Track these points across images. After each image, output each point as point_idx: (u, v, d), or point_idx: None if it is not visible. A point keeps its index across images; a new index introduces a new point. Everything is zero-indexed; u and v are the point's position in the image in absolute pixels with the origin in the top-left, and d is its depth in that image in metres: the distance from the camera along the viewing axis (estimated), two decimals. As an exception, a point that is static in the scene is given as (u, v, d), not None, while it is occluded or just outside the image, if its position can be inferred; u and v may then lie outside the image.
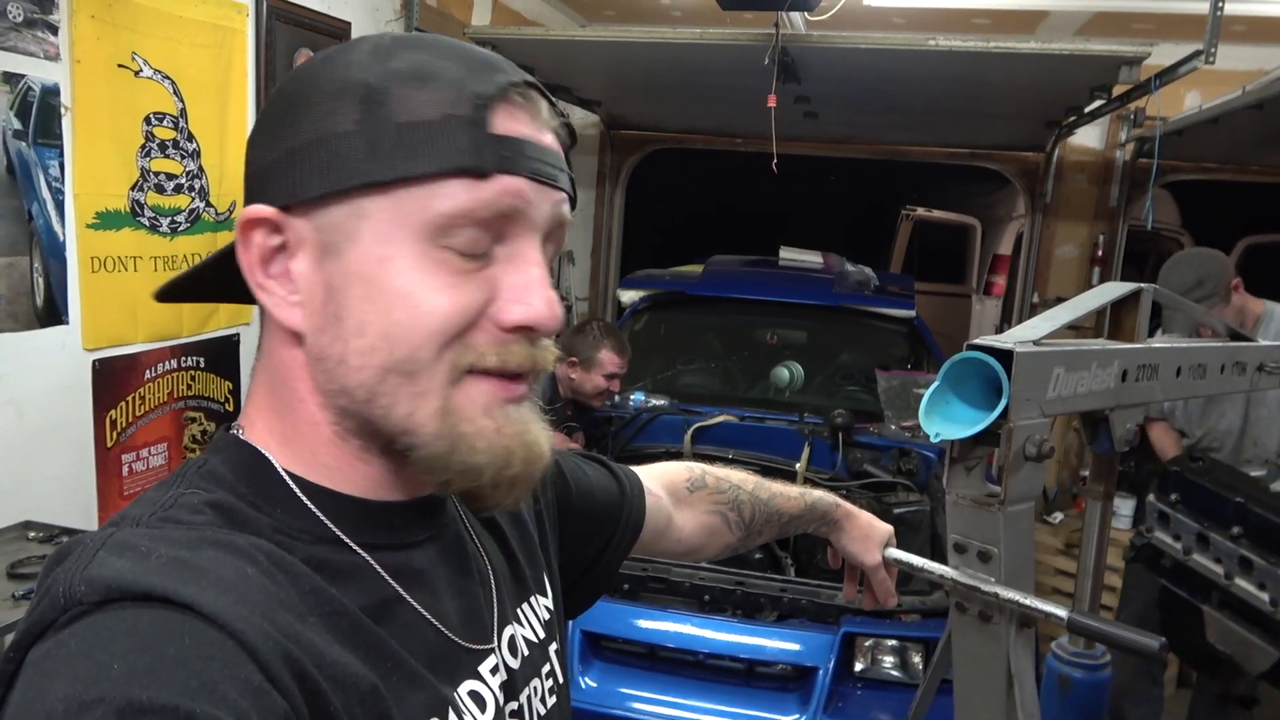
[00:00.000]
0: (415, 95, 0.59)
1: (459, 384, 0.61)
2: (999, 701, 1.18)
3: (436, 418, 0.60)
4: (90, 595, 0.50)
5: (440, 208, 0.59)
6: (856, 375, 3.92)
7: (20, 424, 2.19)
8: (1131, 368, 1.30)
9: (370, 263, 0.59)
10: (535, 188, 0.62)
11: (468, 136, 0.59)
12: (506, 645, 0.72)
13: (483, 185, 0.59)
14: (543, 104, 0.65)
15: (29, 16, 2.10)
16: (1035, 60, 3.15)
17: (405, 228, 0.59)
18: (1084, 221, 4.89)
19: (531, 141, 0.62)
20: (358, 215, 0.59)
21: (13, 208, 2.12)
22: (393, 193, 0.59)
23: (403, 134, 0.58)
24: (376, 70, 0.61)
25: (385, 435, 0.61)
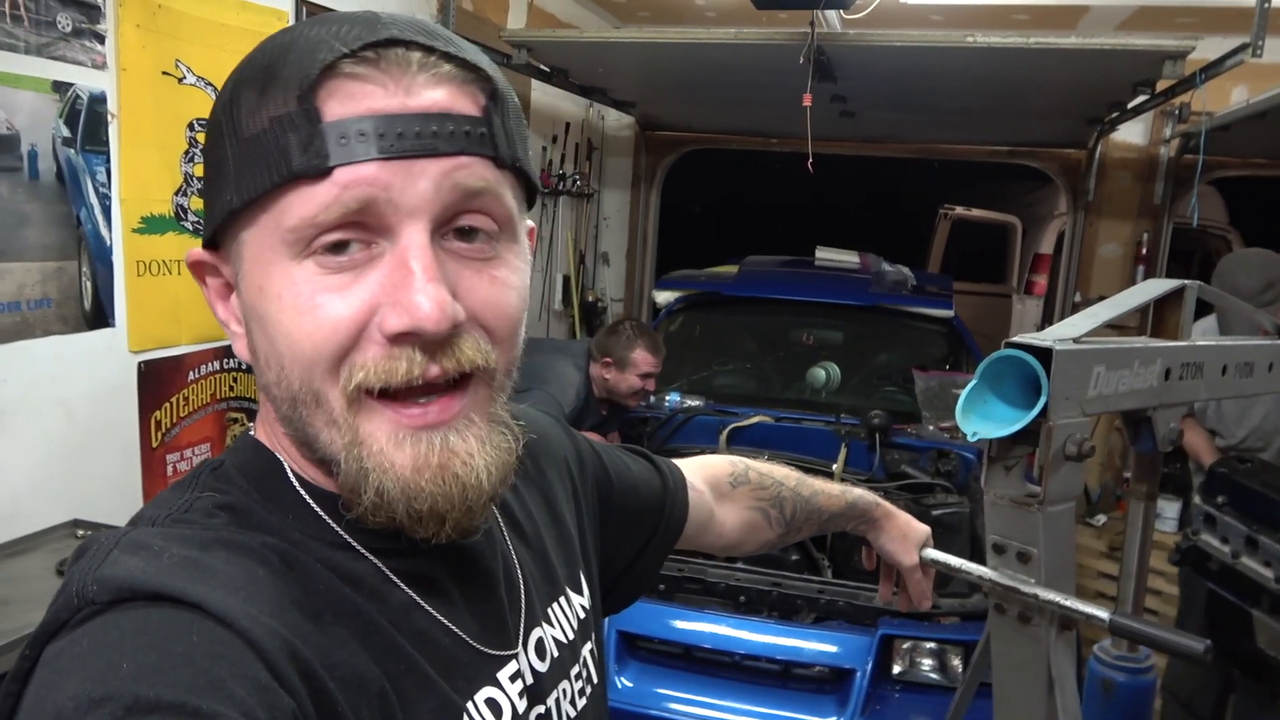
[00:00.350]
0: (251, 103, 0.56)
1: (362, 410, 0.57)
2: (1039, 705, 1.17)
3: (345, 450, 0.57)
4: (102, 595, 0.51)
5: (286, 222, 0.55)
6: (894, 376, 3.88)
7: (69, 424, 2.24)
8: (1175, 366, 1.27)
9: (253, 294, 0.58)
10: (398, 166, 0.54)
11: (296, 135, 0.54)
12: (534, 648, 0.71)
13: (320, 186, 0.54)
14: (413, 57, 0.55)
15: (77, 26, 2.15)
16: (1076, 56, 3.11)
17: (269, 250, 0.56)
18: (1127, 219, 4.80)
19: (383, 115, 0.54)
20: (239, 245, 0.59)
21: (62, 213, 2.17)
22: (254, 218, 0.56)
23: (246, 151, 0.55)
24: (231, 82, 0.58)
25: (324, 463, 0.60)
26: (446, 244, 0.57)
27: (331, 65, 0.54)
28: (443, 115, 0.55)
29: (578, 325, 5.30)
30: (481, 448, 0.59)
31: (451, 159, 0.56)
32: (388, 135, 0.54)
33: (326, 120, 0.54)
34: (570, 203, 5.26)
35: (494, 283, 0.59)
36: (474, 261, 0.58)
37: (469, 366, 0.57)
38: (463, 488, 0.58)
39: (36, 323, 2.13)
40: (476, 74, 0.58)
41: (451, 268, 0.57)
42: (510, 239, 0.61)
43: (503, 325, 0.60)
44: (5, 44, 1.98)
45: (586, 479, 0.89)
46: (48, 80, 2.09)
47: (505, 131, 0.59)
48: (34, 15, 2.04)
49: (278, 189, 0.55)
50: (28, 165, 2.06)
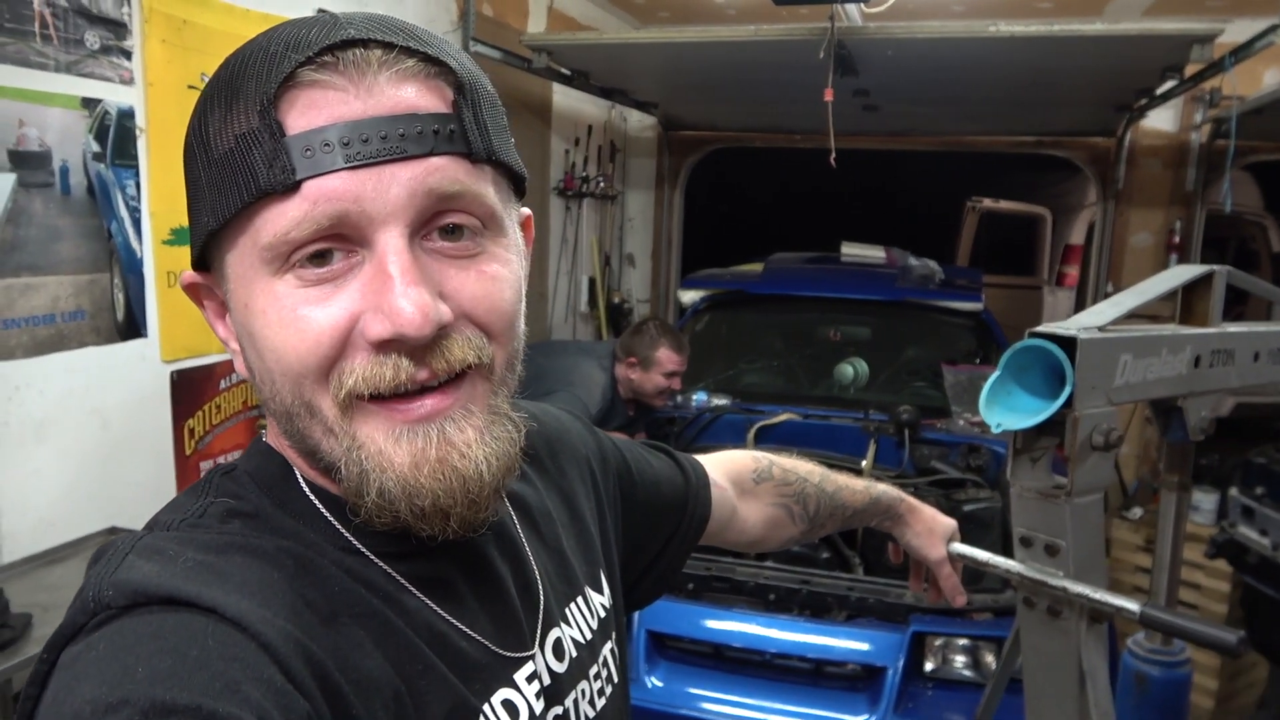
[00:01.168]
0: (219, 122, 0.55)
1: (356, 414, 0.57)
2: (1071, 700, 1.15)
3: (344, 455, 0.57)
4: (118, 599, 0.51)
5: (261, 240, 0.54)
6: (923, 371, 3.85)
7: (105, 433, 2.28)
8: (1205, 353, 1.25)
9: (240, 311, 0.58)
10: (370, 173, 0.53)
11: (260, 151, 0.53)
12: (551, 648, 0.70)
13: (289, 202, 0.53)
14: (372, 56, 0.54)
15: (105, 44, 2.19)
16: (1102, 43, 3.07)
17: (250, 268, 0.56)
18: (1159, 207, 4.73)
19: (346, 122, 0.53)
20: (223, 266, 0.59)
21: (94, 227, 2.21)
22: (231, 237, 0.56)
23: (216, 171, 0.55)
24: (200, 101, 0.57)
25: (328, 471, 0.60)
26: (429, 244, 0.57)
27: (290, 75, 0.53)
28: (409, 116, 0.54)
29: (604, 327, 5.31)
30: (480, 438, 0.58)
31: (422, 161, 0.54)
32: (353, 143, 0.52)
33: (290, 134, 0.53)
34: (594, 205, 5.27)
35: (482, 278, 0.58)
36: (460, 259, 0.58)
37: (459, 366, 0.57)
38: (463, 480, 0.57)
39: (71, 334, 2.17)
40: (441, 67, 0.56)
41: (436, 268, 0.56)
42: (497, 232, 0.60)
43: (496, 320, 0.59)
44: (36, 63, 2.03)
45: (609, 476, 0.88)
46: (77, 97, 2.14)
47: (478, 124, 0.57)
48: (63, 34, 2.08)
49: (249, 207, 0.54)
50: (59, 181, 2.11)
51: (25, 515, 2.07)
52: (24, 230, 2.03)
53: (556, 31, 4.36)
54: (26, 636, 1.70)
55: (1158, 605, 1.08)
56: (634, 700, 2.39)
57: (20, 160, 2.01)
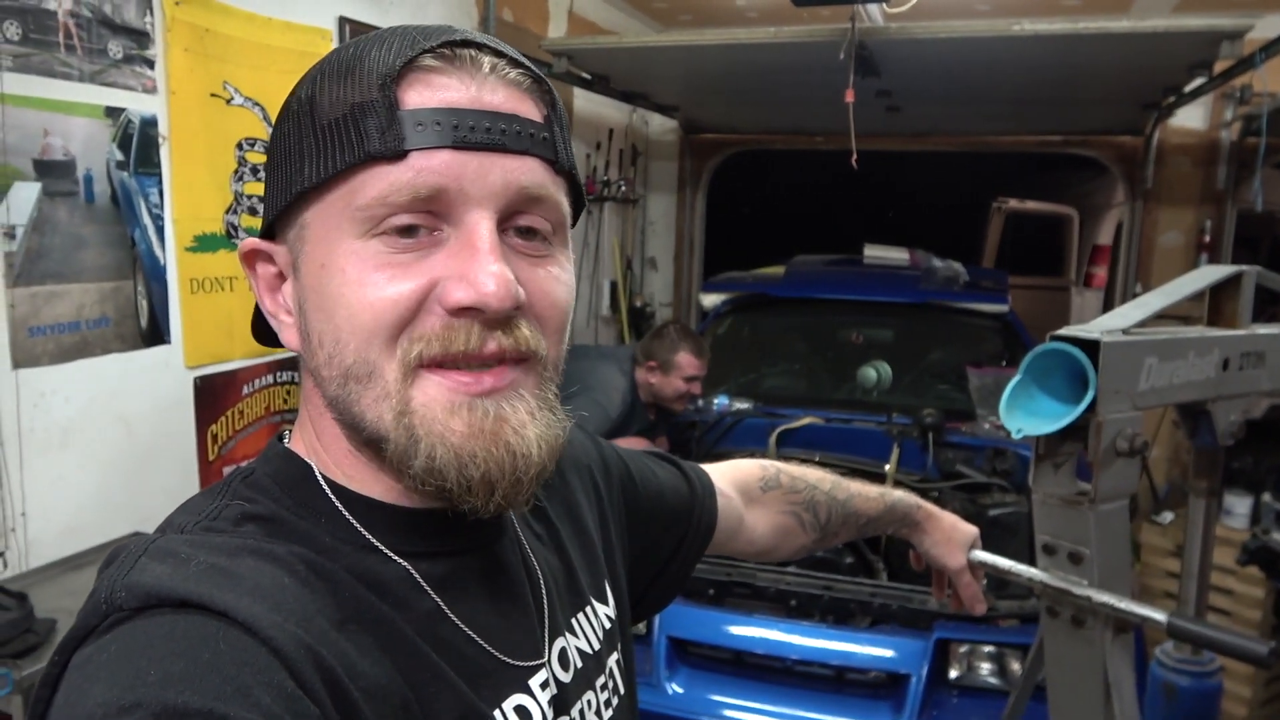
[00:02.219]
0: (333, 93, 0.58)
1: (415, 381, 0.58)
2: (1096, 711, 1.13)
3: (395, 420, 0.58)
4: (130, 601, 0.51)
5: (358, 200, 0.57)
6: (947, 374, 3.81)
7: (129, 439, 2.30)
8: (1233, 356, 1.22)
9: (314, 271, 0.60)
10: (472, 157, 0.57)
11: (375, 120, 0.56)
12: (557, 658, 0.70)
13: (395, 168, 0.56)
14: (484, 59, 0.59)
15: (128, 53, 2.22)
16: (1129, 40, 3.02)
17: (336, 229, 0.58)
18: (1189, 206, 4.65)
19: (459, 108, 0.57)
20: (301, 227, 0.60)
21: (117, 234, 2.23)
22: (322, 197, 0.59)
23: (324, 135, 0.58)
24: (310, 76, 0.61)
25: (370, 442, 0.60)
26: (506, 239, 0.60)
27: (412, 59, 0.57)
28: (511, 116, 0.59)
29: (625, 331, 5.31)
30: (532, 420, 0.60)
31: (517, 158, 0.58)
32: (460, 127, 0.56)
33: (405, 108, 0.56)
34: (616, 209, 5.27)
35: (549, 277, 0.62)
36: (530, 257, 0.61)
37: (524, 348, 0.59)
38: (514, 456, 0.58)
39: (96, 341, 2.19)
40: (540, 84, 0.62)
41: (511, 259, 0.59)
42: (562, 242, 0.65)
43: (555, 316, 0.62)
44: (60, 72, 2.05)
45: (612, 486, 0.88)
46: (101, 106, 2.16)
47: (563, 140, 0.63)
48: (87, 44, 2.11)
49: (352, 169, 0.57)
50: (84, 189, 2.13)
51: (50, 521, 2.09)
52: (49, 238, 2.05)
53: (577, 36, 4.36)
54: (51, 642, 1.71)
55: (1185, 615, 1.05)
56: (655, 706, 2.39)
57: (45, 169, 2.03)
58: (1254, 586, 3.25)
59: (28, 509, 2.04)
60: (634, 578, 0.88)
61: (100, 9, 2.13)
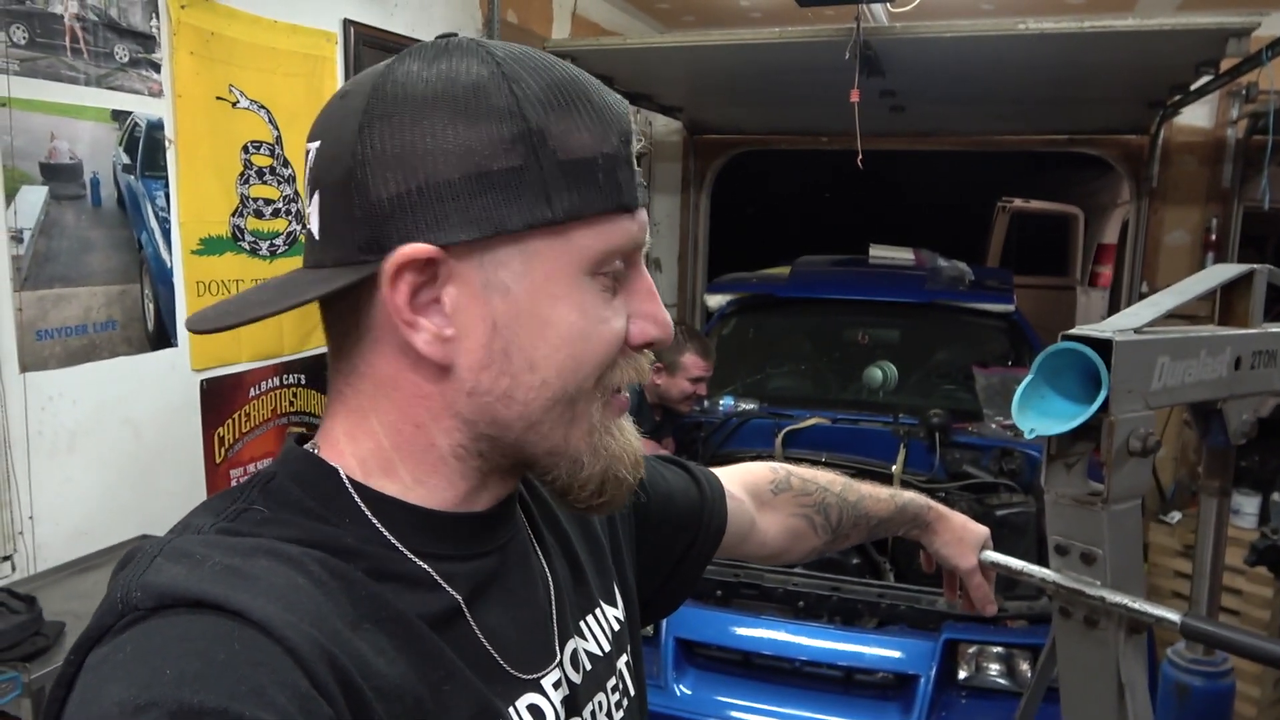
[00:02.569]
0: (570, 128, 0.59)
1: (606, 406, 0.64)
2: (1109, 712, 1.12)
3: (588, 437, 0.64)
4: (145, 601, 0.51)
5: (599, 245, 0.61)
6: (953, 374, 3.80)
7: (136, 442, 2.30)
8: (1246, 354, 1.21)
9: (542, 301, 0.60)
10: (644, 215, 0.65)
11: (620, 174, 0.61)
12: (569, 659, 0.70)
13: (629, 221, 0.62)
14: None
15: (134, 56, 2.22)
16: (1134, 39, 3.01)
17: (570, 264, 0.60)
18: (1195, 205, 4.64)
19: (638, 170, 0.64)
20: (527, 254, 0.59)
21: (124, 238, 2.23)
22: (562, 232, 0.60)
23: (567, 171, 0.59)
24: (520, 96, 0.58)
25: (530, 456, 0.64)
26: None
27: (631, 116, 0.64)
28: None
29: (630, 332, 5.30)
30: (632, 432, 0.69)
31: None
32: (643, 189, 0.64)
33: (632, 165, 0.63)
34: (620, 210, 5.26)
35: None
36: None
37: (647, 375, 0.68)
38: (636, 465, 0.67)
39: (103, 344, 2.19)
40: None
41: None
42: None
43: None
44: (67, 76, 2.05)
45: None
46: (107, 110, 2.16)
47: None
48: (93, 48, 2.11)
49: (604, 215, 0.61)
50: (90, 192, 2.13)
51: (58, 524, 2.09)
52: (56, 242, 2.06)
53: (580, 37, 4.36)
54: (60, 644, 1.71)
55: (1199, 615, 1.05)
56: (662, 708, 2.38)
57: (52, 173, 2.04)
58: (1262, 586, 3.24)
59: (36, 512, 2.04)
60: (643, 580, 0.88)
61: (106, 13, 2.14)
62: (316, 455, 0.64)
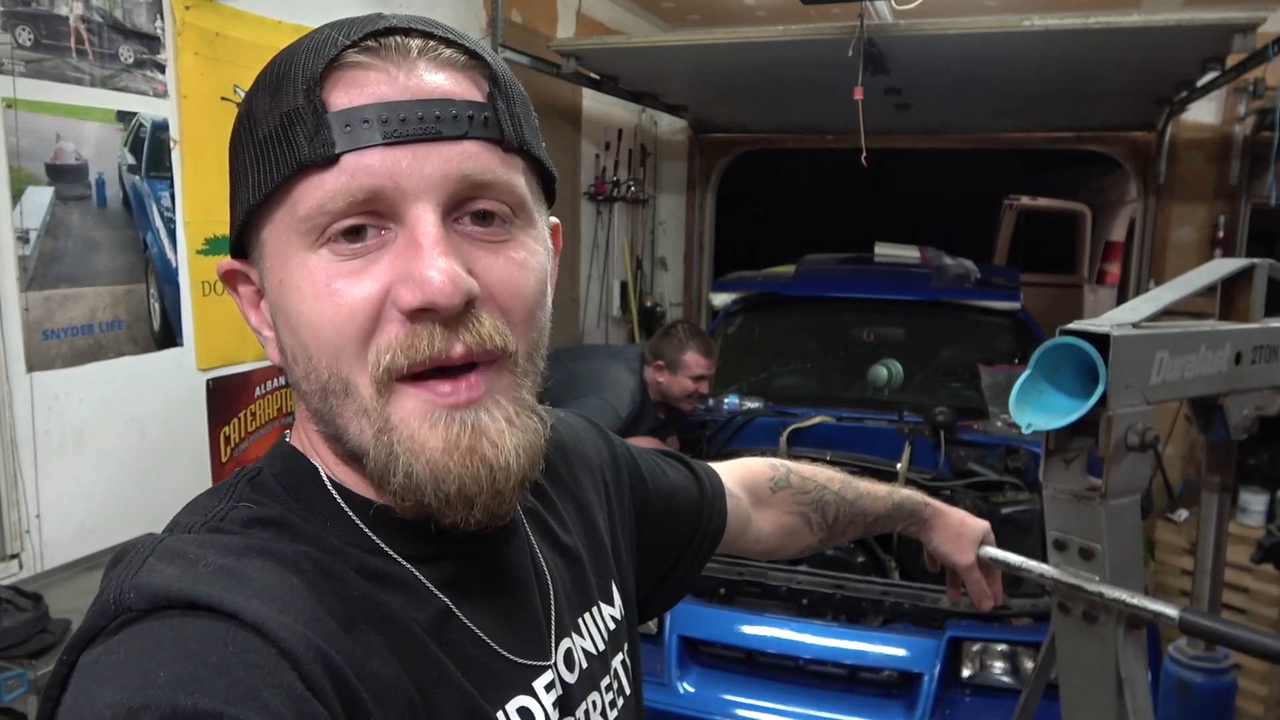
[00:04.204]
0: (266, 104, 0.58)
1: (392, 396, 0.57)
2: (1109, 708, 1.12)
3: (375, 438, 0.57)
4: (139, 602, 0.51)
5: (299, 212, 0.56)
6: (959, 372, 3.79)
7: (143, 441, 2.32)
8: (1246, 349, 1.21)
9: (275, 289, 0.59)
10: (406, 151, 0.55)
11: (303, 128, 0.55)
12: (563, 659, 0.70)
13: (328, 174, 0.55)
14: (412, 44, 0.57)
15: (139, 57, 2.23)
16: (1140, 35, 3.00)
17: (287, 244, 0.58)
18: (1202, 202, 4.62)
19: (388, 101, 0.55)
20: (260, 244, 0.60)
21: (129, 238, 2.24)
22: (271, 213, 0.58)
23: (261, 149, 0.57)
24: (247, 95, 0.61)
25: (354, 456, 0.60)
26: (460, 227, 0.58)
27: (335, 58, 0.56)
28: (445, 100, 0.56)
29: (636, 331, 5.31)
30: (510, 429, 0.59)
31: (456, 143, 0.56)
32: (391, 121, 0.55)
33: (332, 110, 0.55)
34: (625, 209, 5.27)
35: (510, 263, 0.59)
36: (489, 243, 0.59)
37: (489, 344, 0.57)
38: (490, 470, 0.57)
39: (109, 344, 2.21)
40: (477, 60, 0.59)
41: (466, 249, 0.58)
42: (526, 223, 0.62)
43: (519, 305, 0.60)
44: (72, 78, 2.07)
45: (622, 485, 0.87)
46: (113, 110, 2.17)
47: (511, 116, 0.59)
48: (98, 49, 2.12)
49: (289, 181, 0.56)
50: (96, 193, 2.14)
51: (65, 523, 2.10)
52: (62, 242, 2.07)
53: (585, 36, 4.37)
54: (65, 642, 1.72)
55: (1198, 610, 1.04)
56: (667, 706, 2.38)
57: (58, 174, 2.05)
58: (1270, 584, 3.22)
59: (42, 511, 2.05)
60: (642, 577, 0.88)
61: (111, 14, 2.15)
62: (300, 453, 0.64)
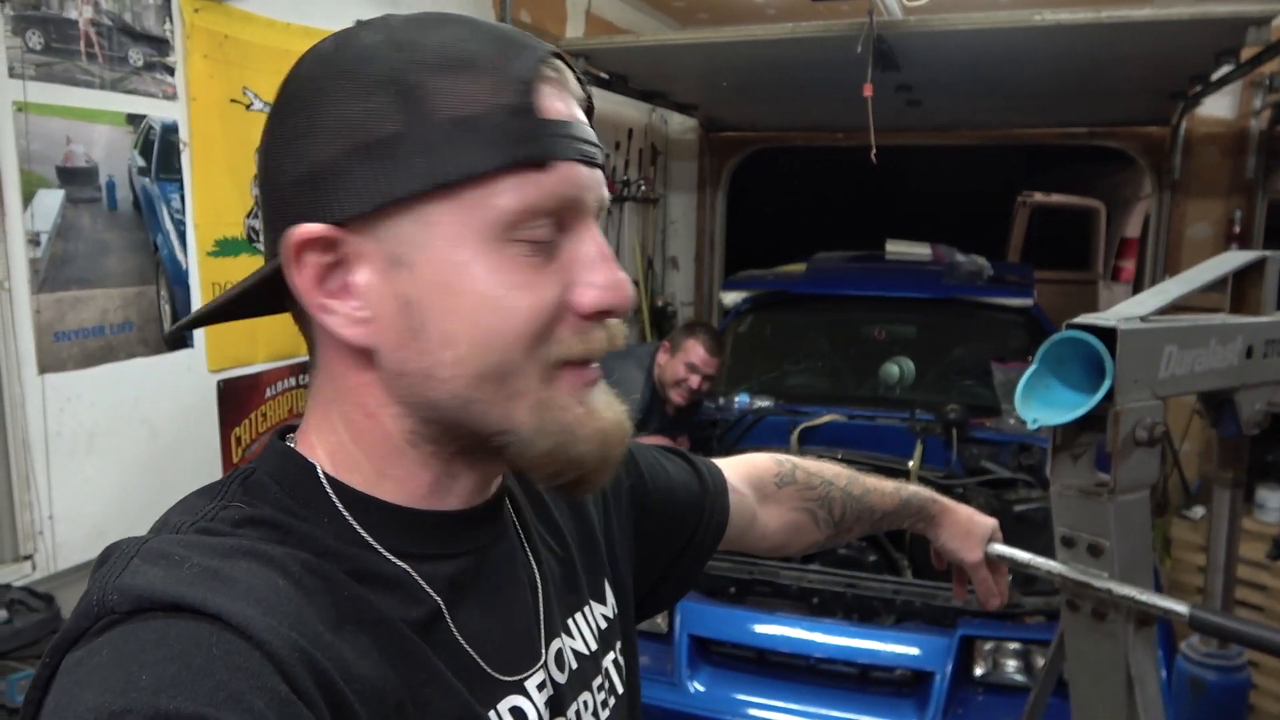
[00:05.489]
0: (456, 85, 0.56)
1: (553, 381, 0.60)
2: (1119, 706, 1.11)
3: (533, 413, 0.60)
4: (122, 604, 0.50)
5: (507, 204, 0.56)
6: (971, 369, 3.77)
7: (153, 442, 2.33)
8: (1257, 343, 1.20)
9: (446, 270, 0.57)
10: (588, 171, 0.60)
11: (519, 124, 0.56)
12: (554, 659, 0.69)
13: (543, 176, 0.57)
14: (569, 75, 0.61)
15: (148, 60, 2.25)
16: (1153, 28, 2.97)
17: (475, 229, 0.56)
18: (1217, 197, 4.57)
19: (574, 122, 0.59)
20: (424, 222, 0.56)
21: (140, 240, 2.26)
22: (457, 194, 0.56)
23: (455, 130, 0.55)
24: (403, 60, 0.57)
25: (478, 437, 0.60)
26: None
27: (539, 64, 0.58)
28: (592, 131, 0.62)
29: (647, 330, 5.30)
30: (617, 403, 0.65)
31: (599, 172, 0.62)
32: (578, 141, 0.59)
33: (543, 115, 0.58)
34: (636, 208, 5.27)
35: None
36: None
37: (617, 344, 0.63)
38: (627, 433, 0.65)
39: (120, 346, 2.22)
40: (589, 98, 0.64)
41: None
42: None
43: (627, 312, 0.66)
44: (82, 81, 2.08)
45: (620, 481, 0.86)
46: (122, 113, 2.19)
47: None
48: (108, 52, 2.14)
49: (501, 171, 0.56)
50: (106, 196, 2.16)
51: (77, 524, 2.12)
52: (73, 244, 2.08)
53: (594, 36, 4.37)
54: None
55: (1209, 607, 1.03)
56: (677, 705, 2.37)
57: (68, 176, 2.06)
58: (1288, 582, 3.19)
59: (55, 512, 2.07)
60: (641, 574, 0.87)
61: (121, 17, 2.16)
62: (295, 451, 0.63)
